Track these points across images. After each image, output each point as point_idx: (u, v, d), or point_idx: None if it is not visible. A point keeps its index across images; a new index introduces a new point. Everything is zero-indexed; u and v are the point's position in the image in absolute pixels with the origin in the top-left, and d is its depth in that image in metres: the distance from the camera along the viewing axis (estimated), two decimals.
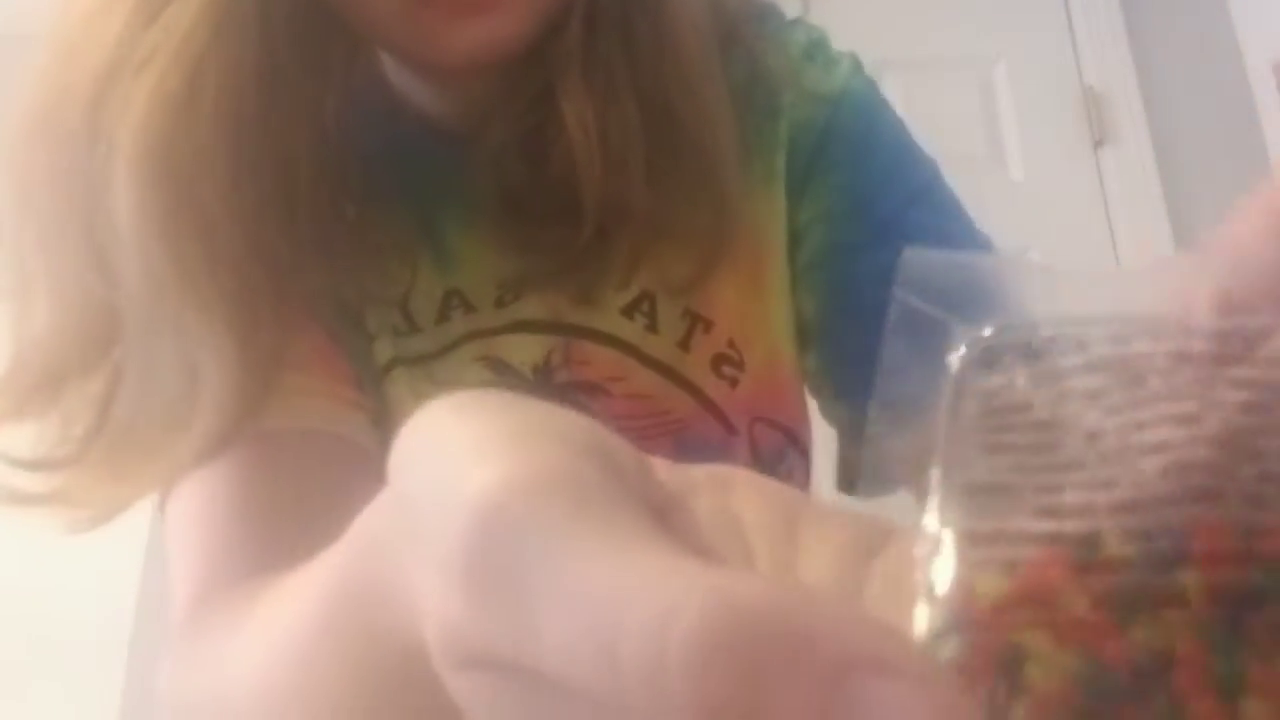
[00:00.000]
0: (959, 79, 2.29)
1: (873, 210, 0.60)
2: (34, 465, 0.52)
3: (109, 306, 0.49)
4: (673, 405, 0.61)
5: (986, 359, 0.21)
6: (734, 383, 0.61)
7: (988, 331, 0.21)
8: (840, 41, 0.64)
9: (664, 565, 0.15)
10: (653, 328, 0.60)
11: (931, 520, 0.18)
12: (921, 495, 0.19)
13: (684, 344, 0.60)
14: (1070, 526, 0.17)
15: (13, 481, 0.51)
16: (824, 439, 0.66)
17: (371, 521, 0.24)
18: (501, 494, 0.17)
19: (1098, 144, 2.31)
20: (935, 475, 0.19)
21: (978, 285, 0.23)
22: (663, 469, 0.22)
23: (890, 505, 0.26)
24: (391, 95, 0.62)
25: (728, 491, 0.22)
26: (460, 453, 0.18)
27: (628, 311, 0.60)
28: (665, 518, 0.20)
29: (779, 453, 0.64)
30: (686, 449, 0.60)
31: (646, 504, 0.18)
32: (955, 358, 0.21)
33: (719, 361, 0.61)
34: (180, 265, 0.47)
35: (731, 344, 0.61)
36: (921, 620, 0.17)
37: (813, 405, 0.66)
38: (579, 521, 0.16)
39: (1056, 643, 0.16)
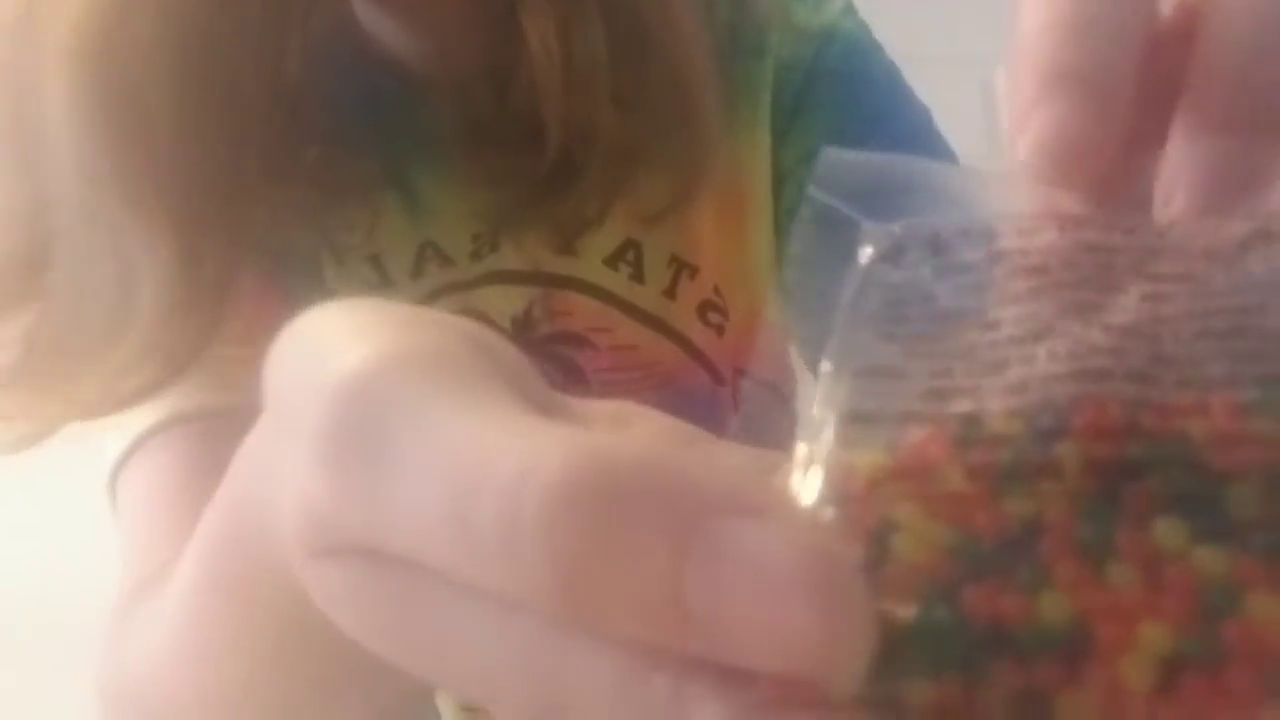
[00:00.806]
0: (959, 79, 2.29)
1: None
2: None
3: (41, 224, 0.48)
4: (660, 356, 0.59)
5: (894, 255, 0.20)
6: (720, 330, 0.60)
7: (897, 226, 0.20)
8: None
9: (526, 426, 0.15)
10: (638, 277, 0.59)
11: (818, 405, 0.18)
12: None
13: (670, 292, 0.59)
14: (955, 407, 0.16)
15: None
16: None
17: (245, 449, 0.23)
18: (368, 368, 0.16)
19: None
20: (826, 364, 0.18)
21: (894, 185, 0.22)
22: (558, 398, 0.21)
23: None
24: (360, 38, 0.60)
25: (625, 426, 0.22)
26: (330, 340, 0.18)
27: (611, 261, 0.58)
28: (546, 413, 0.19)
29: (762, 405, 0.63)
30: (675, 402, 0.59)
31: (523, 394, 0.18)
32: (863, 253, 0.20)
33: (705, 309, 0.59)
34: (117, 163, 0.45)
35: (717, 290, 0.60)
36: (800, 496, 0.16)
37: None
38: (445, 393, 0.16)
39: (927, 515, 0.15)
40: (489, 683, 0.16)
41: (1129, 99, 0.20)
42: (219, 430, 0.49)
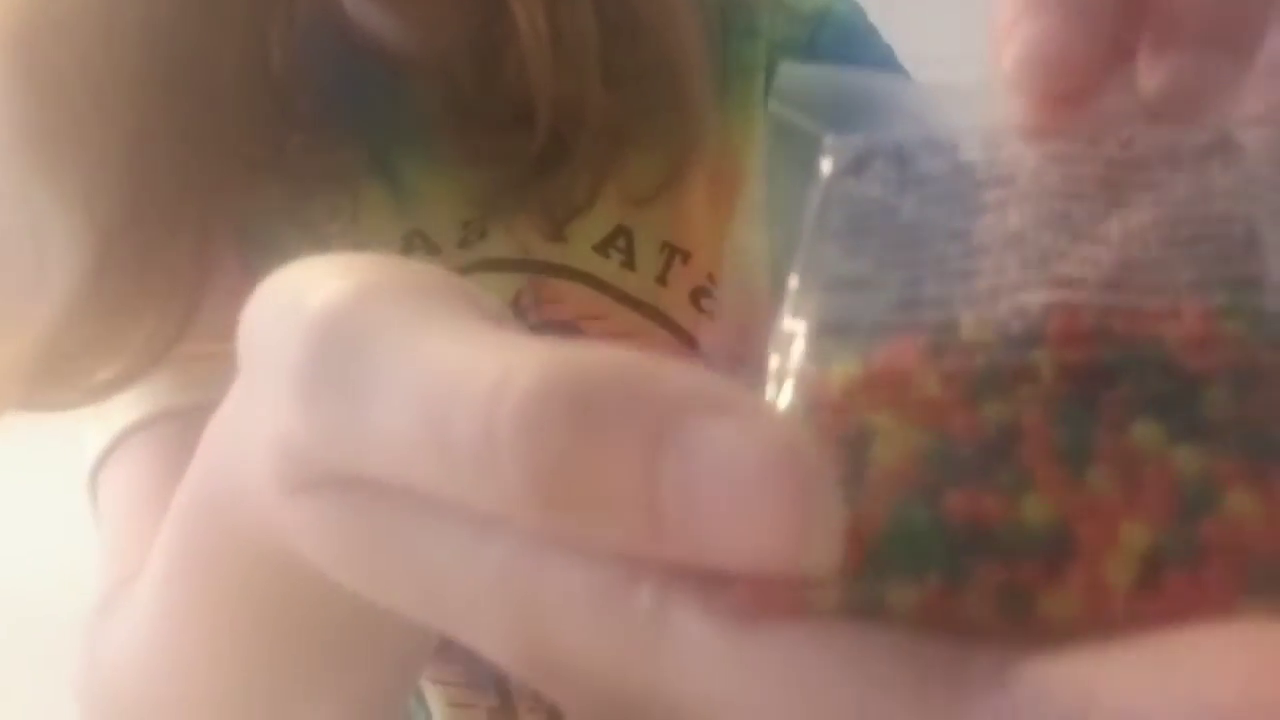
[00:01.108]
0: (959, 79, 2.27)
1: None
2: None
3: None
4: (653, 344, 0.58)
5: (856, 167, 0.20)
6: (714, 316, 0.60)
7: (858, 139, 0.20)
8: None
9: (498, 343, 0.14)
10: (629, 264, 0.58)
11: (786, 319, 0.17)
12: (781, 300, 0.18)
13: (662, 278, 0.58)
14: (927, 315, 0.16)
15: None
16: None
17: (216, 419, 0.23)
18: (342, 300, 0.16)
19: None
20: (793, 279, 0.18)
21: (855, 99, 0.22)
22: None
23: None
24: (342, 20, 0.59)
25: None
26: (304, 283, 0.17)
27: (602, 248, 0.57)
28: None
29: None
30: None
31: (498, 323, 0.17)
32: (825, 166, 0.20)
33: (698, 295, 0.58)
34: (34, 145, 0.45)
35: (710, 277, 0.59)
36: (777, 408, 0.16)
37: None
38: (419, 318, 0.16)
39: (904, 420, 0.15)
40: (468, 610, 0.16)
41: (1110, 11, 0.20)
42: (200, 427, 0.47)
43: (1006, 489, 0.14)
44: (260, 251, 0.53)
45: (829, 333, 0.17)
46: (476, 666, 0.61)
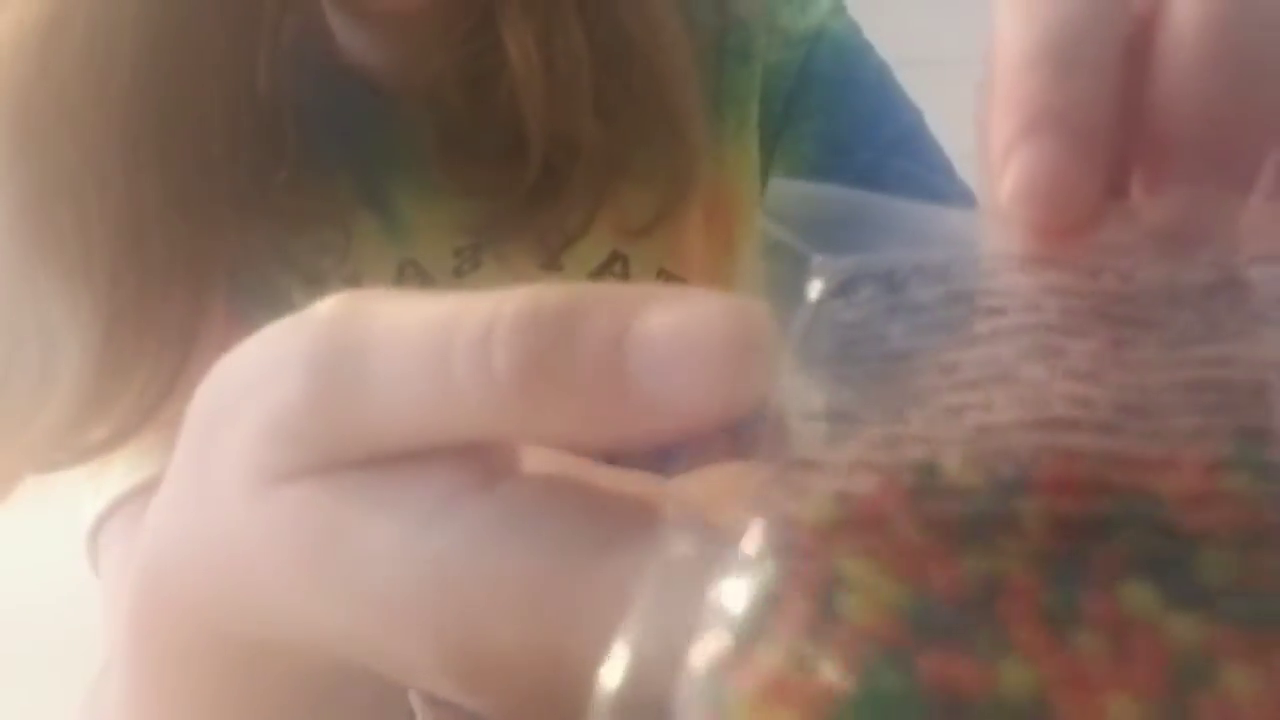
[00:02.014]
0: (959, 79, 2.28)
1: (851, 158, 0.57)
2: None
3: None
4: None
5: (845, 291, 0.19)
6: None
7: (848, 262, 0.19)
8: None
9: (486, 296, 0.17)
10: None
11: (763, 450, 0.16)
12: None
13: None
14: (910, 453, 0.15)
15: None
16: None
17: (152, 508, 0.23)
18: (346, 298, 0.19)
19: None
20: (773, 408, 0.17)
21: (847, 218, 0.21)
22: None
23: None
24: (334, 52, 0.59)
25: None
26: (288, 322, 0.19)
27: (598, 274, 0.57)
28: None
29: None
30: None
31: None
32: (814, 289, 0.19)
33: None
34: (30, 224, 0.45)
35: None
36: (743, 546, 0.15)
37: None
38: (414, 299, 0.18)
39: (878, 571, 0.14)
40: (401, 607, 0.17)
41: (1109, 138, 0.19)
42: None
43: (985, 653, 0.13)
44: (249, 297, 0.53)
45: (804, 468, 0.16)
46: None
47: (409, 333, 0.17)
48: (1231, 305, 0.17)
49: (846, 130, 0.58)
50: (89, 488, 0.51)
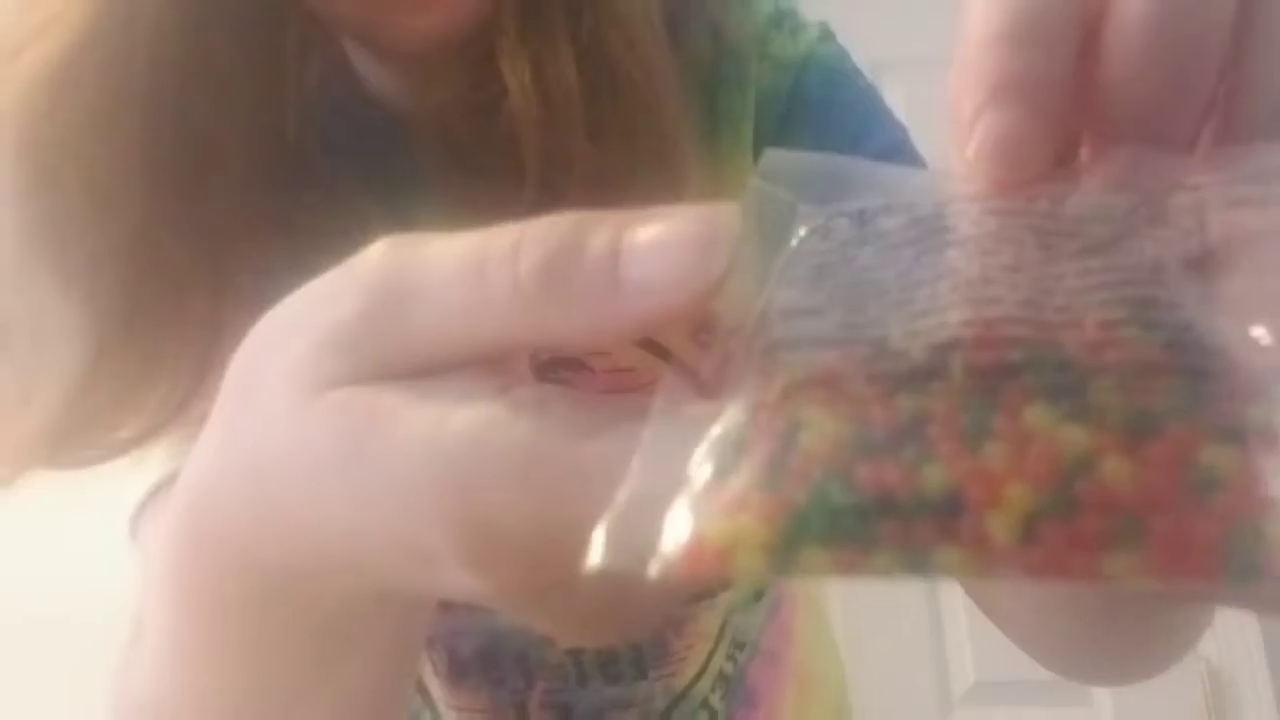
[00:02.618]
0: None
1: None
2: None
3: None
4: (655, 376, 0.60)
5: (824, 231, 0.22)
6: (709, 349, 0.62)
7: (829, 209, 0.22)
8: (840, 41, 0.65)
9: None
10: (696, 339, 0.60)
11: (747, 343, 0.19)
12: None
13: (697, 338, 0.60)
14: (865, 334, 0.18)
15: None
16: None
17: (190, 456, 0.26)
18: (395, 239, 0.23)
19: None
20: (757, 307, 0.20)
21: (829, 178, 0.24)
22: None
23: None
24: (357, 83, 0.63)
25: None
26: (336, 269, 0.23)
27: None
28: None
29: None
30: None
31: None
32: (797, 233, 0.22)
33: (697, 330, 0.61)
34: (40, 240, 0.48)
35: (709, 314, 0.61)
36: (725, 410, 0.18)
37: None
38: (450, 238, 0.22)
39: (829, 414, 0.16)
40: (419, 484, 0.20)
41: (1062, 107, 0.22)
42: None
43: (910, 462, 0.15)
44: (270, 307, 0.56)
45: (779, 348, 0.18)
46: (499, 693, 0.63)
47: (449, 253, 0.21)
48: (1149, 220, 0.20)
49: (834, 148, 0.61)
50: (132, 478, 0.54)
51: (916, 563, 0.15)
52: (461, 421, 0.20)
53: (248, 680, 0.28)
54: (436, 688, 0.65)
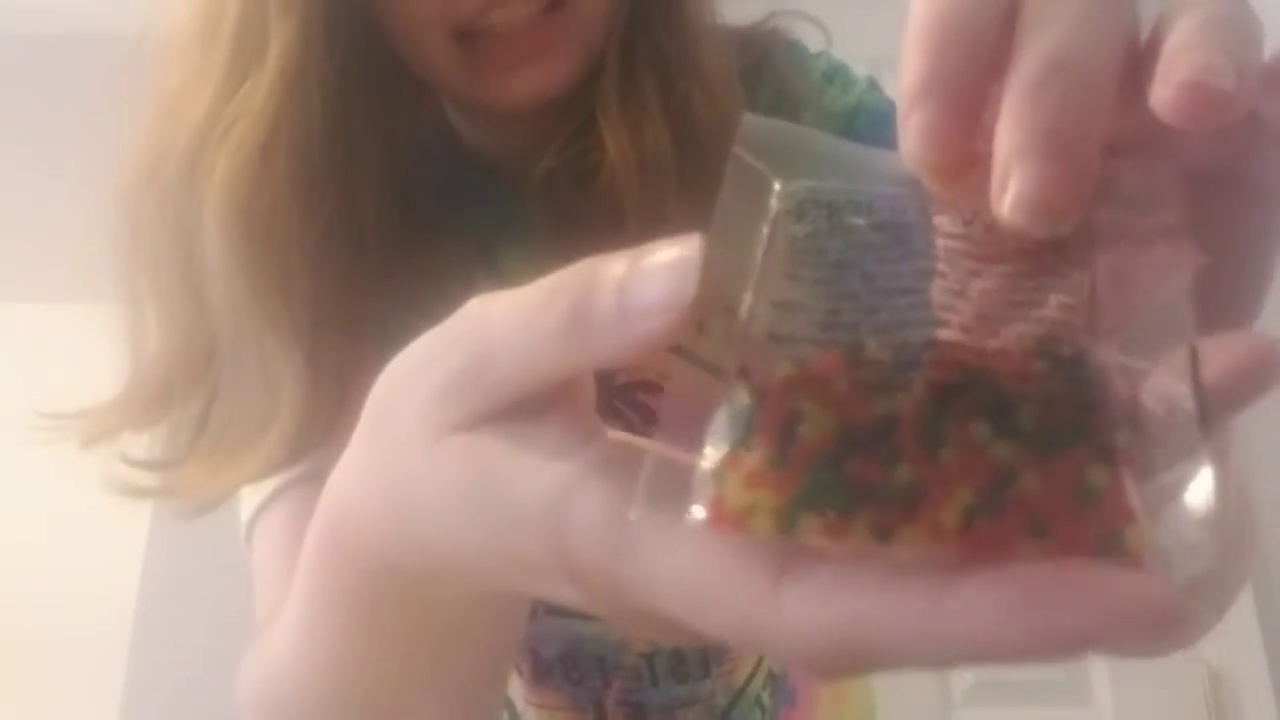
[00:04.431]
0: None
1: None
2: (147, 465, 0.61)
3: (207, 334, 0.59)
4: (717, 397, 0.66)
5: (797, 213, 0.27)
6: None
7: (800, 189, 0.27)
8: (840, 41, 0.71)
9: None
10: (701, 328, 0.64)
11: (743, 324, 0.24)
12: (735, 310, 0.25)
13: (727, 336, 0.65)
14: (843, 337, 0.23)
15: (127, 476, 0.61)
16: None
17: (333, 481, 0.31)
18: (481, 297, 0.28)
19: None
20: (748, 294, 0.25)
21: (800, 149, 0.28)
22: None
23: None
24: (452, 134, 0.69)
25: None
26: (440, 326, 0.28)
27: None
28: None
29: None
30: None
31: None
32: (773, 204, 0.27)
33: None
34: (259, 297, 0.56)
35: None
36: (734, 392, 0.23)
37: None
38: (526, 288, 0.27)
39: (823, 410, 0.22)
40: (522, 523, 0.25)
41: (979, 104, 0.25)
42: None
43: (885, 460, 0.21)
44: (391, 342, 0.62)
45: (774, 340, 0.24)
46: (579, 693, 0.72)
47: (511, 308, 0.26)
48: (1054, 251, 0.25)
49: None
50: (248, 490, 0.62)
51: (883, 537, 0.21)
52: (548, 479, 0.25)
53: (376, 669, 0.35)
54: (519, 687, 0.73)
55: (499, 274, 0.67)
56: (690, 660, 0.72)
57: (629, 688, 0.72)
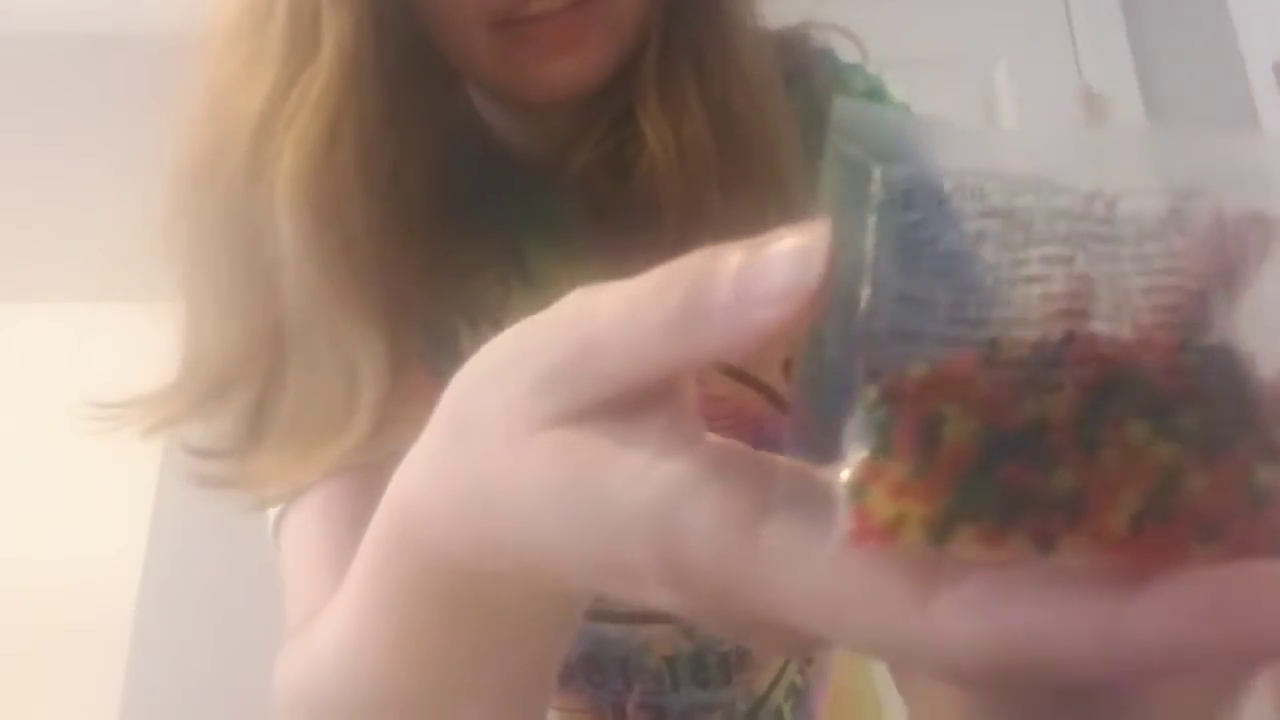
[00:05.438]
0: (959, 79, 2.22)
1: None
2: (207, 454, 0.61)
3: (269, 323, 0.58)
4: (746, 405, 0.66)
5: (905, 201, 0.25)
6: None
7: (903, 174, 0.25)
8: (844, 40, 0.70)
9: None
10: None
11: (863, 321, 0.23)
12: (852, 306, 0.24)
13: (784, 369, 0.66)
14: (973, 333, 0.22)
15: (199, 469, 0.61)
16: None
17: (406, 466, 0.30)
18: (582, 290, 0.26)
19: None
20: (866, 290, 0.24)
21: (900, 134, 0.27)
22: None
23: None
24: (484, 129, 0.68)
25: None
26: (534, 317, 0.27)
27: None
28: None
29: None
30: (764, 445, 0.66)
31: None
32: (874, 192, 0.25)
33: (788, 364, 0.66)
34: (333, 281, 0.56)
35: (796, 345, 0.67)
36: (864, 396, 0.22)
37: None
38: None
39: (967, 411, 0.21)
40: (625, 527, 0.23)
41: None
42: (369, 480, 0.55)
43: (1042, 464, 0.20)
44: (429, 335, 0.63)
45: (900, 339, 0.22)
46: (600, 696, 0.71)
47: (617, 299, 0.25)
48: (1179, 230, 0.24)
49: None
50: None
51: (1046, 547, 0.20)
52: (658, 479, 0.23)
53: (425, 670, 0.34)
54: None
55: (529, 270, 0.66)
56: (711, 665, 0.72)
57: (650, 691, 0.72)
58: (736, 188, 0.61)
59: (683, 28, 0.62)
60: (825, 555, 0.21)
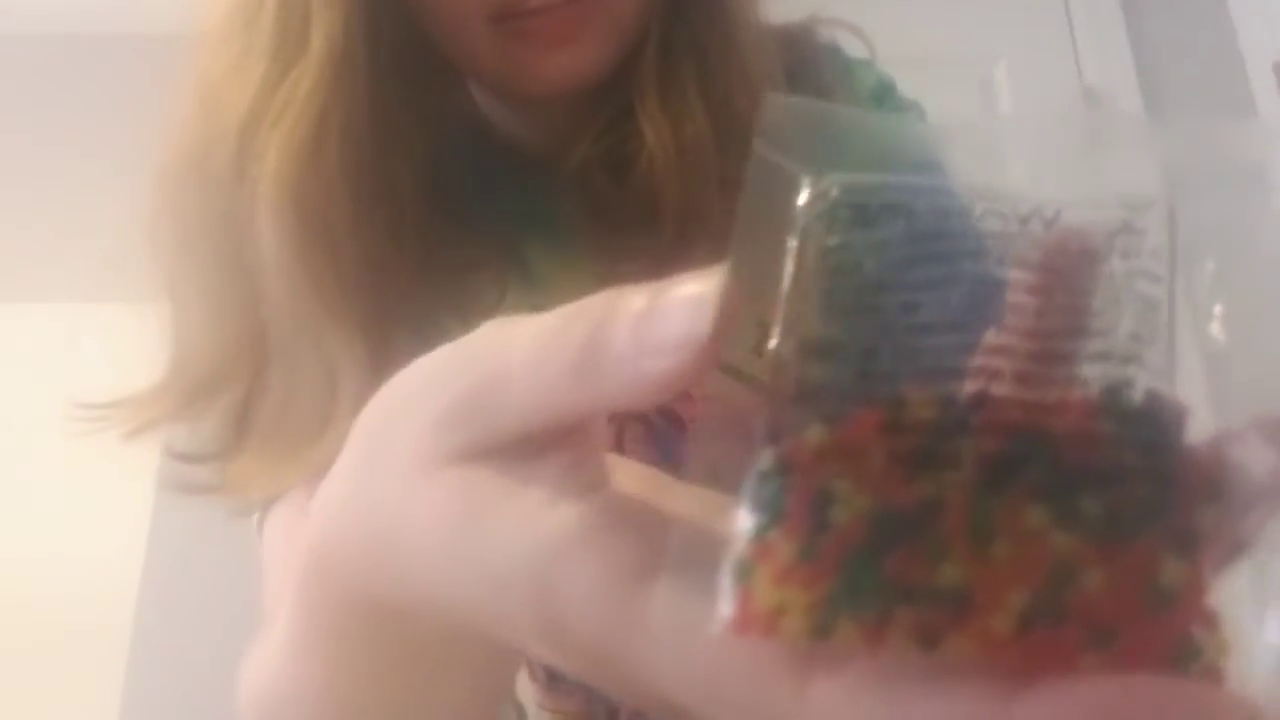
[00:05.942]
0: (959, 79, 2.19)
1: None
2: (190, 458, 0.60)
3: (255, 324, 0.57)
4: (745, 405, 0.64)
5: (829, 219, 0.23)
6: None
7: (831, 188, 0.23)
8: (840, 39, 0.68)
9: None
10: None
11: (772, 373, 0.21)
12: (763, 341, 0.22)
13: (757, 349, 0.63)
14: (881, 388, 0.20)
15: (180, 474, 0.60)
16: None
17: (317, 503, 0.29)
18: (497, 321, 0.25)
19: None
20: (776, 329, 0.21)
21: (832, 134, 0.24)
22: None
23: None
24: (482, 126, 0.67)
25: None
26: (448, 346, 0.26)
27: None
28: None
29: None
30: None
31: None
32: (801, 206, 0.23)
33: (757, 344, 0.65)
34: (316, 284, 0.54)
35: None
36: (761, 461, 0.20)
37: None
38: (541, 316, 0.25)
39: (856, 489, 0.19)
40: (505, 583, 0.22)
41: None
42: None
43: (929, 556, 0.18)
44: (419, 336, 0.61)
45: (806, 393, 0.20)
46: (593, 696, 0.70)
47: (526, 338, 0.23)
48: (1124, 251, 0.21)
49: None
50: None
51: (929, 645, 0.17)
52: (543, 530, 0.22)
53: (359, 691, 0.33)
54: (533, 692, 0.71)
55: (526, 269, 0.65)
56: None
57: None
58: (736, 187, 0.59)
59: (684, 24, 0.61)
60: (705, 632, 0.20)
